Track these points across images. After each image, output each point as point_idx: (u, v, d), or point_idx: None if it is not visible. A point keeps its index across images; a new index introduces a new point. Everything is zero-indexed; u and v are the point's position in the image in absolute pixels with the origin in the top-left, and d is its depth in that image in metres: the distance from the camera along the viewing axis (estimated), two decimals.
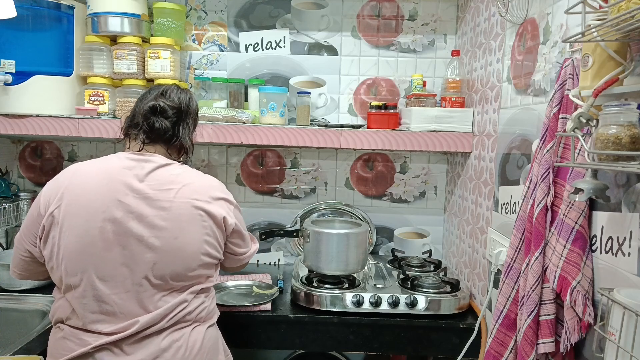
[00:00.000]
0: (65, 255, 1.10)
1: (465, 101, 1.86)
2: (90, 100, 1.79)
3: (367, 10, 2.05)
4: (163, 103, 1.21)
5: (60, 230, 1.10)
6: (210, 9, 2.05)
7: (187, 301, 1.16)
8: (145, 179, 1.14)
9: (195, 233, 1.14)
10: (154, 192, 1.13)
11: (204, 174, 1.25)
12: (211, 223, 1.17)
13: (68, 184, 1.13)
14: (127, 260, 1.10)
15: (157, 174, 1.16)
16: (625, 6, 0.73)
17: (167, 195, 1.13)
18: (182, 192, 1.15)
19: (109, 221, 1.09)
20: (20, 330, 1.46)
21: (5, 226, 1.87)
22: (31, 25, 1.71)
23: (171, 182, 1.15)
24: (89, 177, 1.13)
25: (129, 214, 1.10)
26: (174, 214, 1.12)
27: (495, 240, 1.45)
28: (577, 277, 0.95)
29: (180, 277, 1.14)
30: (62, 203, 1.11)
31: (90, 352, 1.09)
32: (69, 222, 1.09)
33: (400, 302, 1.55)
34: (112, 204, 1.10)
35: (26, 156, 2.11)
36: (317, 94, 2.07)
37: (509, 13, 1.43)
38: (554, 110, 1.05)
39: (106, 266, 1.10)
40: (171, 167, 1.19)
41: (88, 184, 1.12)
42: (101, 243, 1.09)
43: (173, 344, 1.13)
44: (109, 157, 1.19)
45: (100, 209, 1.09)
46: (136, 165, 1.15)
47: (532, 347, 1.04)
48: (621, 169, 0.78)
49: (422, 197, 2.13)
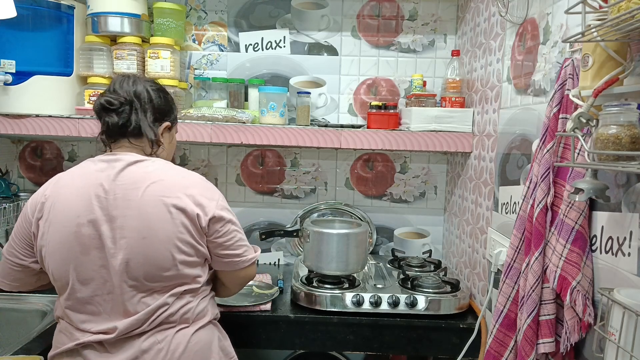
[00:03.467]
0: (50, 262, 1.13)
1: (465, 101, 1.86)
2: (90, 100, 1.79)
3: (367, 10, 2.05)
4: (109, 98, 1.17)
5: (44, 238, 1.13)
6: (210, 9, 2.05)
7: (168, 304, 1.14)
8: (116, 179, 1.12)
9: (165, 231, 1.11)
10: (123, 191, 1.11)
11: (183, 170, 1.21)
12: (184, 219, 1.12)
13: (49, 193, 1.15)
14: (104, 262, 1.11)
15: (127, 172, 1.13)
16: (625, 6, 0.73)
17: (136, 193, 1.11)
18: (152, 189, 1.12)
19: (83, 225, 1.10)
20: (20, 330, 1.46)
21: (5, 226, 1.87)
22: (31, 25, 1.70)
23: (141, 180, 1.13)
24: (67, 184, 1.15)
25: (101, 216, 1.10)
26: (141, 213, 1.10)
27: (495, 240, 1.45)
28: (577, 277, 0.95)
29: (155, 278, 1.12)
30: (43, 212, 1.14)
31: (76, 349, 1.12)
32: (50, 229, 1.12)
33: (400, 302, 1.55)
34: (85, 208, 1.11)
35: (26, 156, 2.11)
36: (317, 94, 2.07)
37: (509, 13, 1.43)
38: (554, 110, 1.05)
39: (86, 269, 1.11)
40: (144, 163, 1.16)
41: (66, 192, 1.13)
42: (78, 247, 1.11)
43: (154, 346, 1.12)
44: (86, 162, 1.19)
45: (75, 214, 1.11)
46: (107, 166, 1.14)
47: (532, 347, 1.04)
48: (621, 169, 0.78)
49: (422, 197, 2.13)
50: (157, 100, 1.23)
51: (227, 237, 1.20)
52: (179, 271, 1.13)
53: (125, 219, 1.10)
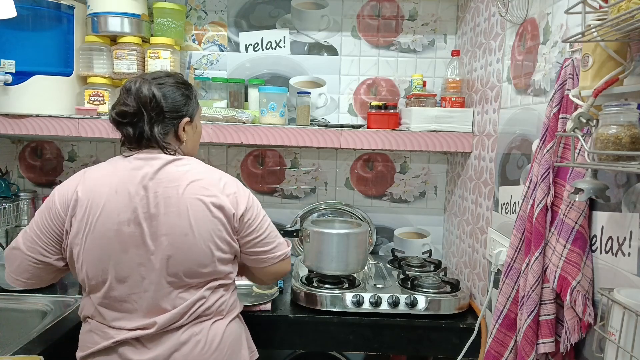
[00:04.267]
0: (85, 261, 1.12)
1: (465, 101, 1.86)
2: (90, 100, 1.79)
3: (367, 10, 2.05)
4: (121, 109, 1.15)
5: (78, 237, 1.12)
6: (210, 9, 2.05)
7: (205, 297, 1.16)
8: (155, 177, 1.13)
9: (205, 229, 1.13)
10: (163, 189, 1.12)
11: (216, 170, 1.23)
12: (222, 217, 1.15)
13: (83, 192, 1.13)
14: (143, 260, 1.12)
15: (165, 170, 1.14)
16: (625, 6, 0.73)
17: (176, 191, 1.13)
18: (191, 187, 1.14)
19: (123, 223, 1.10)
20: (20, 330, 1.45)
21: (5, 226, 1.87)
22: (31, 25, 1.70)
23: (180, 178, 1.14)
24: (102, 183, 1.13)
25: (142, 214, 1.11)
26: (182, 210, 1.12)
27: (495, 240, 1.45)
28: (577, 277, 0.95)
29: (194, 274, 1.14)
30: (76, 211, 1.12)
31: (113, 347, 1.13)
32: (87, 229, 1.11)
33: (400, 302, 1.55)
34: (126, 207, 1.11)
35: (26, 156, 2.11)
36: (317, 94, 2.07)
37: (509, 13, 1.43)
38: (554, 110, 1.05)
39: (124, 268, 1.12)
40: (181, 161, 1.18)
41: (102, 190, 1.12)
42: (118, 245, 1.11)
43: (192, 338, 1.14)
44: (117, 160, 1.19)
45: (116, 213, 1.11)
46: (144, 164, 1.14)
47: (532, 347, 1.04)
48: (621, 169, 0.78)
49: (422, 197, 2.13)
50: (171, 97, 1.18)
51: (257, 234, 1.22)
52: (215, 267, 1.16)
53: (167, 217, 1.11)
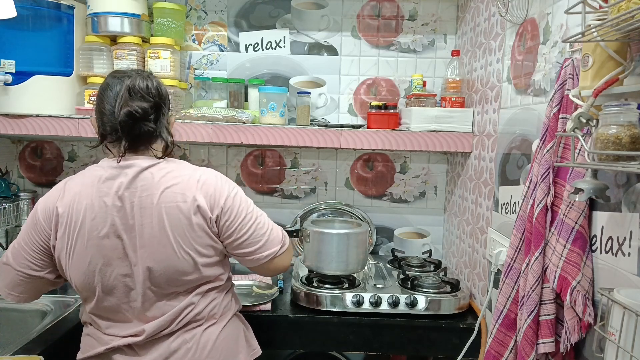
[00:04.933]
0: (73, 275, 1.12)
1: (465, 101, 1.86)
2: (90, 100, 1.79)
3: (367, 10, 2.05)
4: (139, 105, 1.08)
5: (64, 252, 1.11)
6: (210, 9, 2.05)
7: (194, 303, 1.14)
8: (130, 186, 1.09)
9: (184, 238, 1.10)
10: (139, 199, 1.09)
11: (195, 169, 1.17)
12: (201, 222, 1.10)
13: (63, 207, 1.10)
14: (127, 271, 1.11)
15: (140, 179, 1.10)
16: (625, 6, 0.73)
17: (151, 200, 1.09)
18: (166, 195, 1.09)
19: (103, 237, 1.09)
20: (20, 330, 1.45)
21: (5, 226, 1.87)
22: (31, 25, 1.70)
23: (155, 186, 1.09)
24: (80, 195, 1.10)
25: (120, 226, 1.09)
26: (159, 220, 1.08)
27: (495, 240, 1.45)
28: (577, 277, 0.95)
29: (178, 283, 1.12)
30: (59, 226, 1.11)
31: (106, 353, 1.13)
32: (71, 244, 1.10)
33: (400, 302, 1.55)
34: (104, 220, 1.09)
35: (26, 156, 2.11)
36: (317, 94, 2.07)
37: (509, 13, 1.43)
38: (554, 110, 1.05)
39: (109, 280, 1.11)
40: (155, 167, 1.12)
41: (80, 204, 1.10)
42: (101, 259, 1.10)
43: (183, 345, 1.13)
44: (93, 168, 1.14)
45: (95, 228, 1.09)
46: (119, 173, 1.10)
47: (532, 347, 1.04)
48: (621, 169, 0.78)
49: (422, 197, 2.13)
50: (167, 94, 1.15)
51: (237, 235, 1.15)
52: (201, 274, 1.14)
53: (143, 228, 1.09)
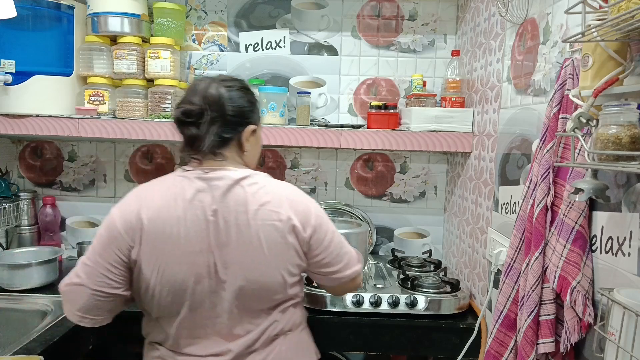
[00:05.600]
0: (158, 293, 1.05)
1: (465, 101, 1.86)
2: (90, 100, 1.79)
3: (367, 10, 2.05)
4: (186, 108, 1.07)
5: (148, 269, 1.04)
6: (210, 9, 2.05)
7: (277, 320, 1.12)
8: (223, 201, 1.04)
9: (278, 257, 1.07)
10: (232, 215, 1.04)
11: (280, 184, 1.14)
12: (294, 242, 1.08)
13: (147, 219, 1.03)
14: (215, 288, 1.06)
15: (233, 193, 1.05)
16: (625, 6, 0.73)
17: (245, 217, 1.04)
18: (261, 213, 1.05)
19: (195, 254, 1.03)
20: (20, 330, 1.45)
21: (5, 226, 1.87)
22: (31, 25, 1.71)
23: (248, 202, 1.05)
24: (165, 206, 1.03)
25: (213, 242, 1.04)
26: (253, 239, 1.05)
27: (495, 240, 1.45)
28: (577, 277, 0.95)
29: (265, 302, 1.10)
30: (142, 241, 1.02)
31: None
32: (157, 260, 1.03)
33: (400, 302, 1.55)
34: (195, 235, 1.03)
35: (26, 156, 2.10)
36: (317, 94, 2.07)
37: (509, 13, 1.43)
38: (554, 110, 1.05)
39: (197, 297, 1.06)
40: (246, 181, 1.08)
41: (167, 214, 1.03)
42: (192, 277, 1.04)
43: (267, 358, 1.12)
44: (178, 180, 1.07)
45: (187, 243, 1.03)
46: (209, 186, 1.05)
47: (532, 347, 1.04)
48: (621, 169, 0.78)
49: (422, 197, 2.13)
50: (238, 102, 1.11)
51: (324, 254, 1.14)
52: (286, 293, 1.12)
53: (238, 245, 1.04)
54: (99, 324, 1.08)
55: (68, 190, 2.11)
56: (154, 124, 1.74)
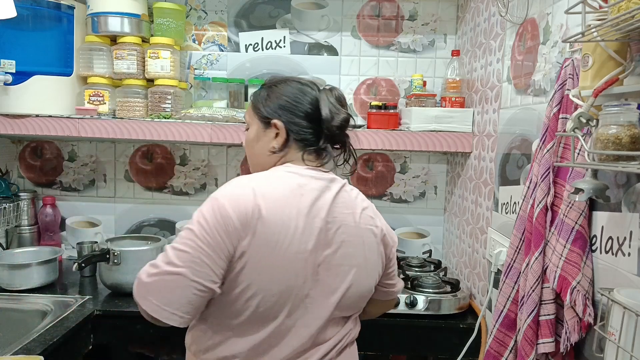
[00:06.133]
0: (261, 292, 0.93)
1: (465, 101, 1.86)
2: (90, 100, 1.79)
3: (367, 10, 2.05)
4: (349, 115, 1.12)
5: (252, 264, 0.92)
6: (210, 9, 2.05)
7: (351, 329, 1.10)
8: (335, 201, 1.01)
9: (374, 262, 1.07)
10: (341, 216, 1.01)
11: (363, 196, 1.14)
12: (383, 250, 1.09)
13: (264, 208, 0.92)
14: (310, 291, 0.98)
15: (342, 195, 1.04)
16: (625, 6, 0.73)
17: (352, 219, 1.03)
18: (364, 217, 1.05)
19: (308, 252, 0.95)
20: (20, 330, 1.45)
21: (5, 226, 1.87)
22: (31, 25, 1.71)
23: (354, 205, 1.04)
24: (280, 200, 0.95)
25: (322, 242, 0.98)
26: (358, 242, 1.03)
27: (495, 240, 1.45)
28: (577, 277, 0.95)
29: (356, 308, 1.08)
30: (257, 231, 0.91)
31: None
32: (269, 255, 0.92)
33: (400, 302, 1.55)
34: (310, 233, 0.96)
35: (26, 156, 2.10)
36: None
37: (509, 13, 1.43)
38: (554, 110, 1.05)
39: (296, 300, 0.96)
40: (347, 186, 1.09)
41: (284, 208, 0.94)
42: (300, 278, 0.95)
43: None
44: (291, 175, 1.01)
45: (303, 239, 0.95)
46: (324, 186, 1.02)
47: (532, 347, 1.04)
48: (621, 169, 0.78)
49: (422, 197, 2.13)
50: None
51: (393, 267, 1.17)
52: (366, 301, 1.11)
53: (344, 247, 1.00)
54: (184, 325, 0.92)
55: (68, 190, 2.11)
56: (154, 124, 1.74)
